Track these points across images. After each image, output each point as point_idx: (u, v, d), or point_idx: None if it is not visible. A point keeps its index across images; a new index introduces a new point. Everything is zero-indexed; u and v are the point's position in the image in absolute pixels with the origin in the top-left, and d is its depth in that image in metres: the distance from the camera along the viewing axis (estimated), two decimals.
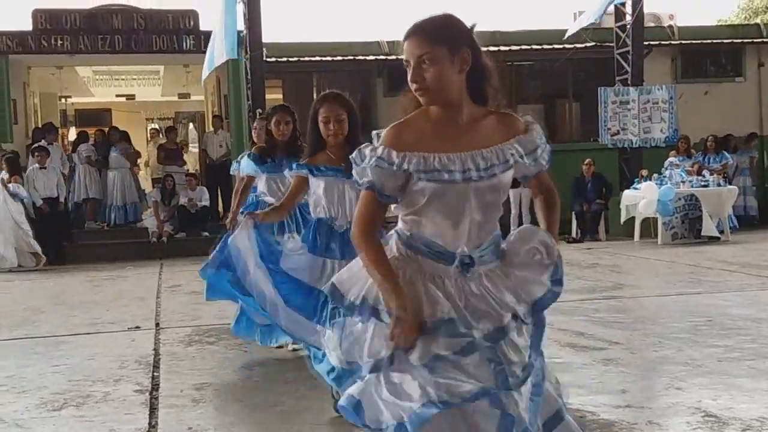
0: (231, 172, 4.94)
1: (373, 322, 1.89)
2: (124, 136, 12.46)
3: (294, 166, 3.49)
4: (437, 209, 1.88)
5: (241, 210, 4.74)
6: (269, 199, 4.55)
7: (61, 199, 10.56)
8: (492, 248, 1.93)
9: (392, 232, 1.98)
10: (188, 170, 13.03)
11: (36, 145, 10.85)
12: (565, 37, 11.52)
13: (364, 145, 1.94)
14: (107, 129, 12.99)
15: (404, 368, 1.83)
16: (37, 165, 10.48)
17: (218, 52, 9.21)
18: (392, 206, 1.95)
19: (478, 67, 1.90)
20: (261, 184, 4.67)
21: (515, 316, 1.88)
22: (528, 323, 1.90)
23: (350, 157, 1.95)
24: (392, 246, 1.95)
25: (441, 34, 1.85)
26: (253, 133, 5.16)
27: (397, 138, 1.89)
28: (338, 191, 3.38)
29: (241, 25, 11.12)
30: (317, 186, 3.42)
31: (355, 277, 1.95)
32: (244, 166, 4.70)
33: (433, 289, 1.87)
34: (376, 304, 1.88)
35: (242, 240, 3.59)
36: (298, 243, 3.58)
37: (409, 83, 1.89)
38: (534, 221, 2.15)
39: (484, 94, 1.94)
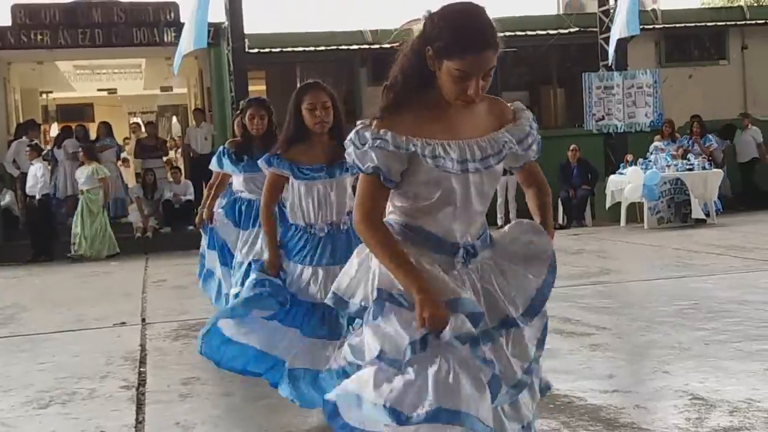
0: (210, 167, 4.74)
1: (392, 310, 1.76)
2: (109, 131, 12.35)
3: (274, 160, 3.23)
4: (438, 198, 1.82)
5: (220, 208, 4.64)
6: (247, 196, 4.43)
7: (39, 196, 10.41)
8: (484, 237, 1.92)
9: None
10: (172, 163, 12.90)
11: (34, 142, 10.77)
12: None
13: (360, 126, 1.81)
14: (97, 124, 12.86)
15: (436, 351, 1.72)
16: (31, 162, 10.41)
17: (186, 41, 9.04)
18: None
19: None
20: (238, 182, 4.52)
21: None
22: (523, 324, 1.87)
23: (347, 140, 1.82)
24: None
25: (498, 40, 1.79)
26: (235, 128, 5.06)
27: (395, 122, 1.79)
28: (319, 194, 3.19)
29: (221, 16, 11.01)
30: (297, 188, 3.22)
31: (355, 278, 1.87)
32: (223, 164, 4.56)
33: (439, 272, 1.80)
34: (391, 290, 1.77)
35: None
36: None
37: (463, 91, 1.77)
38: (520, 209, 2.16)
39: None
